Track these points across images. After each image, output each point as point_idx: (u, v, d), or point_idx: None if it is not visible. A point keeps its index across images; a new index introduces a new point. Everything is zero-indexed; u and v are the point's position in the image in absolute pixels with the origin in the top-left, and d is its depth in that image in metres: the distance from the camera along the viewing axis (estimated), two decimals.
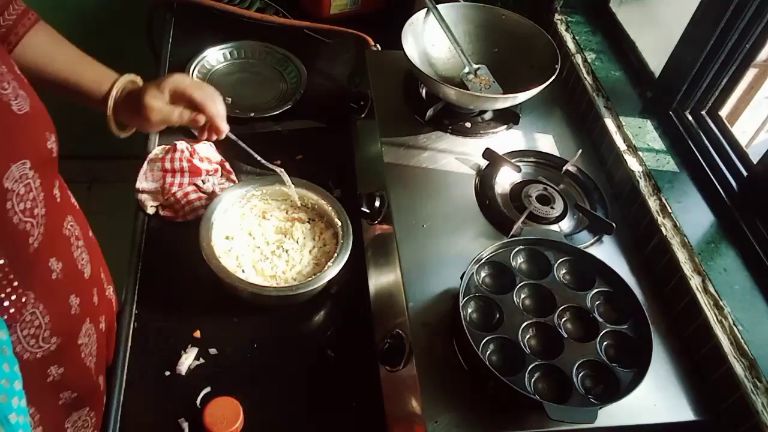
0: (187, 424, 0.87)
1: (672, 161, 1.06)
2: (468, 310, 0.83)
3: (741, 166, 0.99)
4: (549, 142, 1.15)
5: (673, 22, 1.11)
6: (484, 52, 1.22)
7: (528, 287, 0.86)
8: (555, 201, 1.00)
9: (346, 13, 1.55)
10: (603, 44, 1.30)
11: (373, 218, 1.02)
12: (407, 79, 1.21)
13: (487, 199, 1.01)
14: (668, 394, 0.81)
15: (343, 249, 0.99)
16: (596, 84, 1.20)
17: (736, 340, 0.80)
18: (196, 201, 1.08)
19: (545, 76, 1.07)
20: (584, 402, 0.75)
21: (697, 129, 1.08)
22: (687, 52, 1.07)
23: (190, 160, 1.09)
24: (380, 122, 1.11)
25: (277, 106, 1.31)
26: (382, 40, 1.37)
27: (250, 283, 0.95)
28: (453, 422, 0.76)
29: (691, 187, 1.01)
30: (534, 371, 0.77)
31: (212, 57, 1.39)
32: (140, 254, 1.04)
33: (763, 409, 0.75)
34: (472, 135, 1.12)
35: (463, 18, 1.21)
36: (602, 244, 0.98)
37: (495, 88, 1.16)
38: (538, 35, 1.17)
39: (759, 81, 1.23)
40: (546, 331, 0.82)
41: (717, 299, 0.85)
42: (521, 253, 0.90)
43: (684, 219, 0.94)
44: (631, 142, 1.08)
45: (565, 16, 1.36)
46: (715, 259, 0.90)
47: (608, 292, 0.86)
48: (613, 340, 0.82)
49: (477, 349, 0.76)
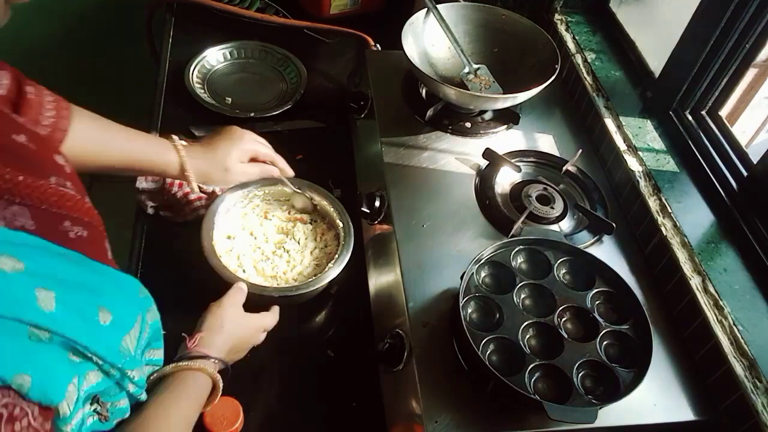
0: None
1: (672, 161, 1.06)
2: (468, 310, 0.83)
3: (741, 166, 0.99)
4: (549, 142, 1.15)
5: (673, 22, 1.11)
6: (484, 52, 1.22)
7: (528, 287, 0.86)
8: (555, 201, 1.00)
9: (346, 13, 1.55)
10: (603, 44, 1.30)
11: (373, 218, 1.02)
12: (407, 79, 1.21)
13: (487, 199, 1.01)
14: (668, 394, 0.82)
15: (345, 250, 0.99)
16: (596, 84, 1.20)
17: (736, 340, 0.80)
18: (196, 201, 1.08)
19: (545, 76, 1.07)
20: (584, 402, 0.75)
21: (697, 129, 1.08)
22: (687, 52, 1.07)
23: None
24: (380, 122, 1.11)
25: (277, 106, 1.31)
26: (382, 40, 1.37)
27: (251, 283, 0.95)
28: (453, 422, 0.76)
29: (691, 187, 1.01)
30: (534, 371, 0.77)
31: (212, 57, 1.39)
32: (140, 254, 1.04)
33: (763, 409, 0.75)
34: (472, 135, 1.12)
35: (463, 18, 1.21)
36: (602, 244, 0.98)
37: (495, 88, 1.16)
38: (538, 35, 1.17)
39: (759, 81, 1.23)
40: (546, 331, 0.82)
41: (717, 299, 0.84)
42: (521, 253, 0.90)
43: (684, 219, 0.94)
44: (631, 142, 1.08)
45: (565, 16, 1.36)
46: (715, 259, 0.90)
47: (608, 292, 0.86)
48: (613, 340, 0.82)
49: (477, 349, 0.76)
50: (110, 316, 0.56)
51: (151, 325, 0.65)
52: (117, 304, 0.58)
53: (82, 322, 0.52)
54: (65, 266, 0.55)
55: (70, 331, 0.50)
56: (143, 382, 0.64)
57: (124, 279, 0.63)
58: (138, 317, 0.61)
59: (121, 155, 0.88)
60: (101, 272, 0.60)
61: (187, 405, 0.72)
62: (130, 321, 0.60)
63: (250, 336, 0.86)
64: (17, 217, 0.55)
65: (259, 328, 0.87)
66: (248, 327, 0.85)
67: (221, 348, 0.79)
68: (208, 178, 0.95)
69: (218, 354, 0.78)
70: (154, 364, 0.70)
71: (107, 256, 0.65)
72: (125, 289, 0.62)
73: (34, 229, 0.55)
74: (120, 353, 0.57)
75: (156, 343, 0.69)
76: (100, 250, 0.64)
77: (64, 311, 0.51)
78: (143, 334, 0.63)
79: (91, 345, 0.52)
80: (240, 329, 0.84)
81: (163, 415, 0.67)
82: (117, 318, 0.57)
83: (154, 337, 0.67)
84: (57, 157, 0.65)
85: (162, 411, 0.68)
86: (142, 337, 0.62)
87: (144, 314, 0.63)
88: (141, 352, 0.64)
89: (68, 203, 0.61)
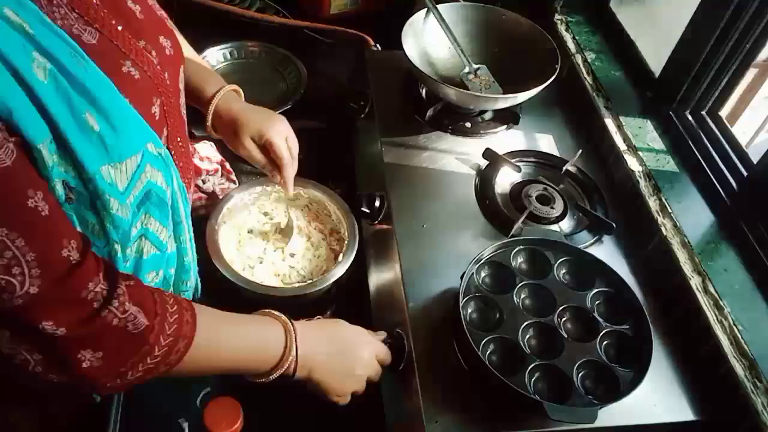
0: (187, 424, 0.87)
1: (672, 161, 1.06)
2: (468, 310, 0.83)
3: (741, 166, 0.99)
4: (549, 142, 1.15)
5: (673, 22, 1.11)
6: (484, 52, 1.22)
7: (528, 287, 0.86)
8: (555, 201, 1.00)
9: (346, 13, 1.55)
10: (603, 44, 1.30)
11: (373, 218, 1.02)
12: (407, 79, 1.21)
13: (487, 199, 1.01)
14: (668, 394, 0.81)
15: (349, 249, 0.99)
16: (596, 84, 1.20)
17: (736, 340, 0.80)
18: (196, 201, 1.08)
19: (545, 76, 1.07)
20: (584, 402, 0.75)
21: (697, 129, 1.08)
22: (687, 52, 1.07)
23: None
24: (380, 122, 1.11)
25: (277, 106, 1.31)
26: (382, 40, 1.37)
27: (258, 284, 0.94)
28: (453, 422, 0.76)
29: (691, 187, 1.01)
30: (534, 371, 0.77)
31: (212, 57, 1.39)
32: None
33: (763, 409, 0.75)
34: (472, 135, 1.13)
35: (463, 18, 1.21)
36: (602, 244, 0.98)
37: (495, 88, 1.16)
38: (538, 35, 1.16)
39: (759, 81, 1.23)
40: (546, 331, 0.82)
41: (717, 299, 0.84)
42: (521, 253, 0.90)
43: (684, 219, 0.94)
44: (631, 142, 1.08)
45: (565, 16, 1.36)
46: (715, 259, 0.90)
47: (608, 292, 0.86)
48: (613, 340, 0.82)
49: (477, 349, 0.76)
50: (97, 127, 0.57)
51: (152, 183, 0.65)
52: (111, 125, 0.58)
53: (67, 109, 0.54)
54: (75, 64, 0.55)
55: (54, 108, 0.52)
56: (127, 227, 0.63)
57: (134, 120, 0.62)
58: (134, 158, 0.61)
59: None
60: (112, 96, 0.59)
61: (245, 335, 0.70)
62: (120, 152, 0.60)
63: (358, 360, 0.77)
64: (83, 33, 0.59)
65: (374, 360, 0.79)
66: (362, 352, 0.78)
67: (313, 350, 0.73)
68: (220, 126, 0.93)
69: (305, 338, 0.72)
70: (153, 242, 0.69)
71: (150, 108, 0.66)
72: (131, 125, 0.62)
73: (90, 45, 0.59)
74: (100, 172, 0.58)
75: (158, 213, 0.68)
76: (145, 98, 0.65)
77: (55, 88, 0.53)
78: (137, 182, 0.63)
79: (71, 138, 0.54)
80: (353, 345, 0.77)
81: (218, 318, 0.67)
82: (105, 134, 0.57)
83: (157, 203, 0.67)
84: (161, 38, 0.71)
85: (218, 316, 0.68)
86: (134, 185, 0.63)
87: (143, 164, 0.63)
88: (135, 206, 0.64)
89: (142, 57, 0.65)
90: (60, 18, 0.57)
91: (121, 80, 0.61)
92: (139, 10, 0.68)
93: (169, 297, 0.63)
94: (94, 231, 0.62)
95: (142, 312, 0.58)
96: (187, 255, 0.79)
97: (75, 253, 0.54)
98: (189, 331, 0.62)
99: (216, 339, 0.67)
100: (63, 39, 0.56)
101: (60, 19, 0.57)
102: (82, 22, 0.59)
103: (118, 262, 0.65)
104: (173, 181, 0.70)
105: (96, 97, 0.57)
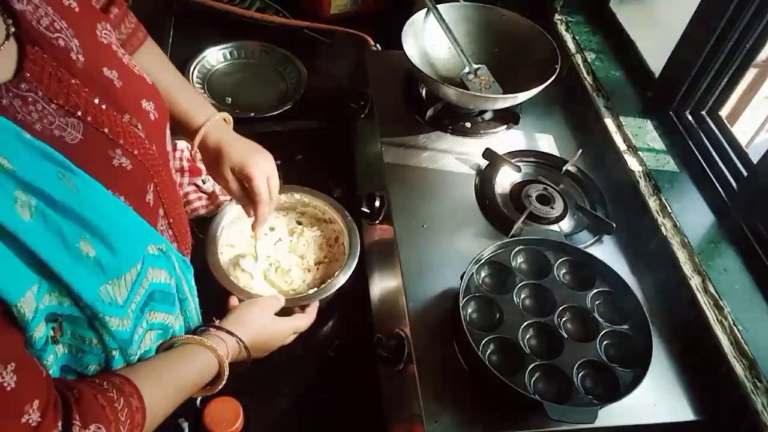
0: (187, 424, 0.87)
1: (672, 161, 1.06)
2: (468, 310, 0.83)
3: (741, 166, 0.99)
4: (549, 142, 1.15)
5: (673, 22, 1.11)
6: (484, 52, 1.22)
7: (528, 287, 0.86)
8: (555, 201, 1.00)
9: (346, 13, 1.55)
10: (603, 44, 1.30)
11: (373, 218, 1.02)
12: (407, 79, 1.21)
13: (487, 199, 1.01)
14: (668, 394, 0.81)
15: (351, 256, 0.98)
16: (596, 84, 1.20)
17: (736, 340, 0.80)
18: (195, 201, 1.08)
19: (545, 76, 1.07)
20: (584, 402, 0.75)
21: (697, 129, 1.08)
22: (687, 52, 1.07)
23: (190, 160, 1.09)
24: (380, 122, 1.11)
25: (277, 106, 1.31)
26: (382, 40, 1.37)
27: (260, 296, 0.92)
28: (453, 422, 0.76)
29: (691, 187, 1.01)
30: (534, 371, 0.77)
31: (212, 57, 1.39)
32: None
33: (763, 409, 0.75)
34: (472, 135, 1.13)
35: (463, 18, 1.21)
36: (602, 244, 0.98)
37: (495, 88, 1.16)
38: (538, 35, 1.17)
39: (759, 81, 1.23)
40: (546, 331, 0.82)
41: (717, 299, 0.84)
42: (521, 253, 0.90)
43: (684, 219, 0.95)
44: (631, 142, 1.08)
45: (565, 16, 1.36)
46: (715, 259, 0.90)
47: (608, 292, 0.86)
48: (613, 340, 0.82)
49: (477, 349, 0.76)
50: (93, 252, 0.55)
51: (155, 284, 0.64)
52: (107, 245, 0.56)
53: (59, 243, 0.52)
54: (63, 190, 0.53)
55: (42, 248, 0.50)
56: (127, 336, 0.62)
57: (132, 228, 0.61)
58: (133, 270, 0.60)
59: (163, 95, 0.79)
60: (106, 210, 0.58)
61: (185, 377, 0.70)
62: (118, 268, 0.58)
63: (274, 340, 0.84)
64: (66, 130, 0.57)
65: (286, 332, 0.86)
66: (275, 331, 0.84)
67: (242, 339, 0.78)
68: (205, 154, 0.90)
69: (233, 345, 0.77)
70: (158, 328, 0.69)
71: (144, 197, 0.64)
72: (129, 237, 0.60)
73: (76, 145, 0.57)
74: (98, 295, 0.56)
75: (164, 306, 0.68)
76: (138, 188, 0.64)
77: (44, 225, 0.51)
78: (138, 289, 0.61)
79: (64, 273, 0.52)
80: (266, 330, 0.83)
81: (156, 375, 0.66)
82: (102, 256, 0.55)
83: (162, 299, 0.66)
84: (143, 102, 0.68)
85: (156, 372, 0.67)
86: (136, 292, 0.61)
87: (144, 271, 0.62)
88: (138, 311, 0.63)
89: (130, 139, 0.63)
90: (38, 120, 0.54)
91: (113, 177, 0.59)
92: (116, 76, 0.65)
93: (110, 388, 0.59)
94: (91, 344, 0.59)
95: (102, 427, 0.56)
96: (193, 320, 0.77)
97: (36, 414, 0.50)
98: (141, 417, 0.61)
99: (163, 395, 0.67)
100: (47, 156, 0.53)
101: (38, 121, 0.54)
102: (62, 114, 0.56)
103: (116, 364, 0.63)
104: (175, 267, 0.69)
105: (89, 221, 0.54)
